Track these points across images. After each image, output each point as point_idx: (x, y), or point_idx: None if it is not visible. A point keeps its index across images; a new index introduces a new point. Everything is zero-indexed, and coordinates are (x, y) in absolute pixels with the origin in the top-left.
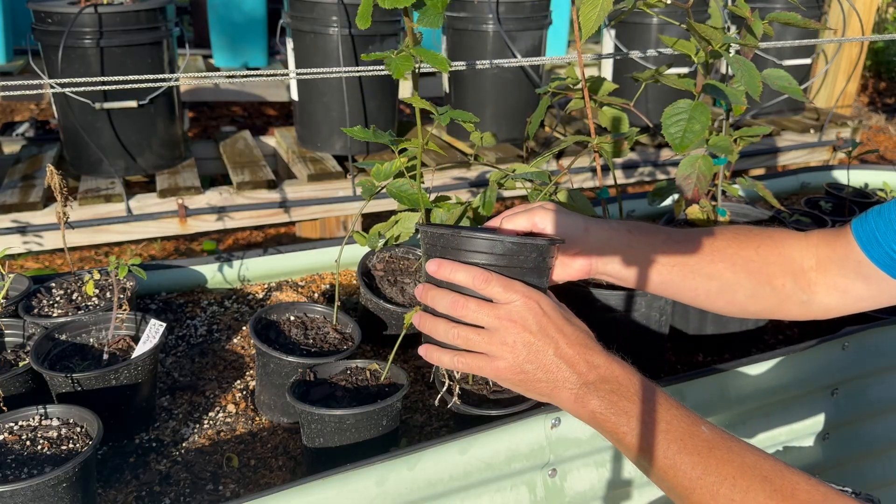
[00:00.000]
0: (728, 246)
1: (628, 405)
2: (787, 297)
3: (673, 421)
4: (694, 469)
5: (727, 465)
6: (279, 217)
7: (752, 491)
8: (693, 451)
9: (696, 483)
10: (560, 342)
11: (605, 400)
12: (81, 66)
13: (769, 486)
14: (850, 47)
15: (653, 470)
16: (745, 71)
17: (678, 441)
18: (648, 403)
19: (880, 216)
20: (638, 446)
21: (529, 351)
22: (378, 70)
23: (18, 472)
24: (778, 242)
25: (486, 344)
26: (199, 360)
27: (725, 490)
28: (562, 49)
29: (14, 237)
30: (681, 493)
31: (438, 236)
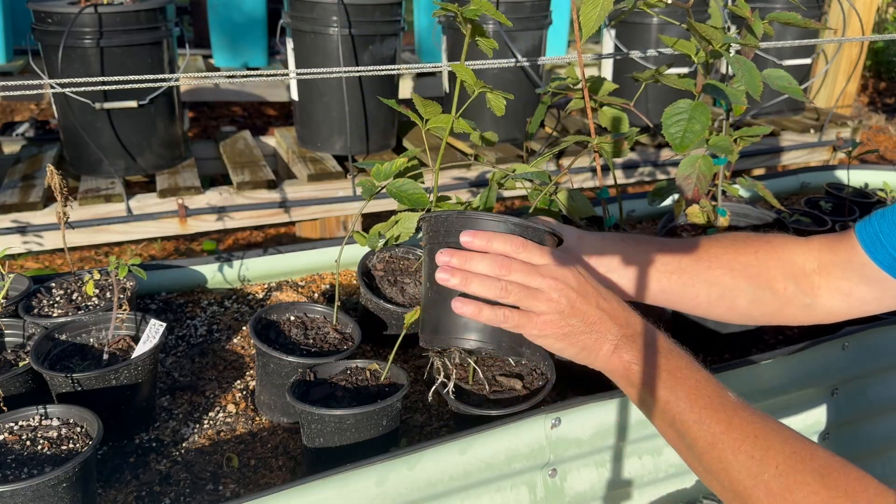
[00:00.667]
0: (725, 252)
1: (661, 360)
2: (790, 300)
3: (703, 381)
4: (718, 425)
5: (750, 425)
6: (279, 217)
7: (773, 449)
8: (719, 408)
9: (719, 438)
10: (599, 298)
11: (641, 353)
12: (81, 66)
13: (788, 448)
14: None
15: (677, 426)
16: (745, 71)
17: (706, 398)
18: (679, 361)
19: (884, 218)
20: (666, 400)
21: (573, 305)
22: (378, 70)
23: (18, 472)
24: (777, 247)
25: (532, 300)
26: (199, 360)
27: (747, 447)
28: (562, 49)
29: (14, 237)
30: (702, 447)
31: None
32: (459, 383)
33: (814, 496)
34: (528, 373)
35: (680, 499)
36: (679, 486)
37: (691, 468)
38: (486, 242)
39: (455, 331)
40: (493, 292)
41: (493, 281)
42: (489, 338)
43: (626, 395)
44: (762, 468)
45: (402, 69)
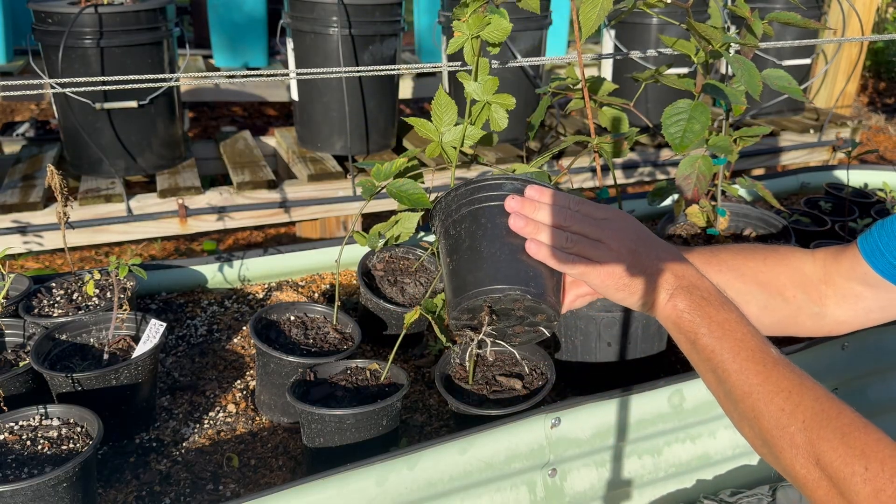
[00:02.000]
0: (734, 258)
1: (712, 311)
2: (800, 308)
3: (748, 335)
4: (757, 376)
5: (786, 381)
6: (279, 217)
7: (802, 405)
8: (760, 362)
9: (756, 388)
10: (658, 249)
11: (694, 303)
12: (82, 66)
13: (818, 405)
14: (850, 47)
15: (717, 372)
16: (745, 70)
17: (749, 350)
18: (729, 314)
19: (883, 229)
20: (710, 348)
21: (634, 256)
22: (378, 70)
23: (19, 471)
24: (785, 256)
25: (594, 250)
26: (200, 360)
27: (779, 399)
28: (562, 49)
29: (14, 237)
30: (739, 395)
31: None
32: (459, 383)
33: (832, 452)
34: (527, 373)
35: (680, 499)
36: (679, 486)
37: (725, 411)
38: (550, 197)
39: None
40: (560, 242)
41: (559, 231)
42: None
43: (625, 395)
44: (790, 421)
45: (402, 69)
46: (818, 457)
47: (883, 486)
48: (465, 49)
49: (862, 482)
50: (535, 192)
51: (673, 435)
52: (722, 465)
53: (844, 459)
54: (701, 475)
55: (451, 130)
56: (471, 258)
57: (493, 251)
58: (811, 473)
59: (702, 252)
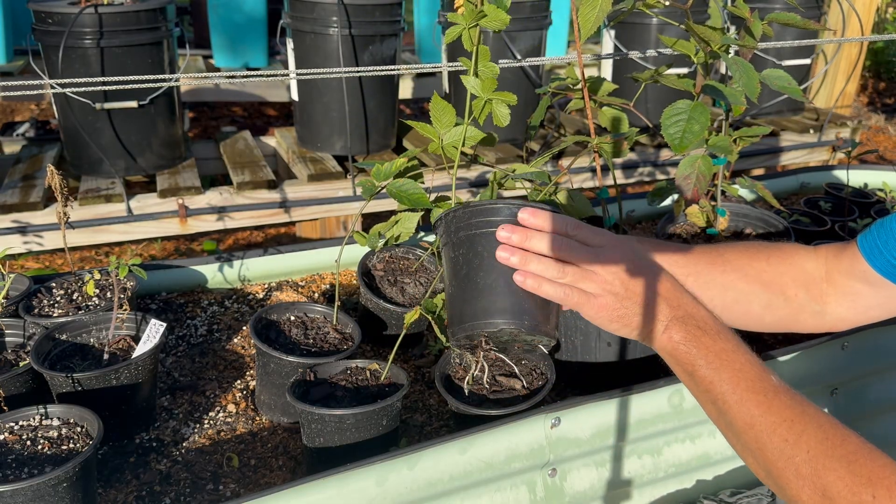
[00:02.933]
0: (738, 258)
1: (708, 341)
2: (801, 307)
3: (746, 364)
4: (758, 407)
5: (788, 410)
6: (279, 217)
7: (806, 434)
8: (760, 391)
9: (757, 420)
10: (653, 282)
11: (690, 334)
12: (82, 66)
13: (822, 433)
14: (850, 47)
15: (718, 404)
16: (743, 72)
17: (748, 380)
18: (727, 343)
19: (882, 227)
20: (708, 379)
21: (627, 288)
22: (378, 70)
23: (19, 471)
24: (788, 254)
25: (588, 281)
26: (200, 360)
27: (782, 430)
28: (562, 49)
29: (14, 237)
30: (741, 427)
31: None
32: (459, 383)
33: (839, 481)
34: (527, 373)
35: (680, 499)
36: (679, 486)
37: (728, 442)
38: (542, 222)
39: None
40: (551, 272)
41: (551, 261)
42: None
43: (625, 395)
44: (794, 451)
45: (402, 69)
46: (825, 487)
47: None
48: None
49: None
50: (529, 216)
51: (673, 435)
52: (722, 465)
53: (851, 489)
54: (701, 475)
55: (452, 131)
56: (467, 288)
57: (489, 282)
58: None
59: (707, 252)
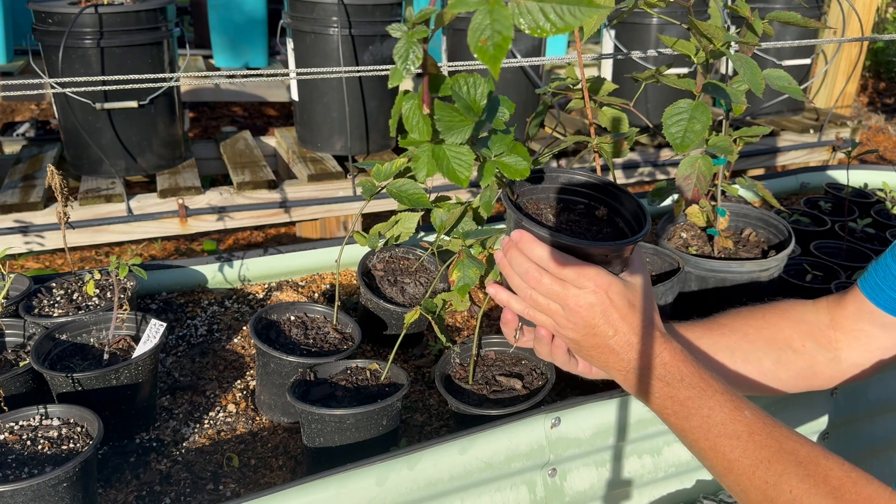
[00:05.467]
0: (733, 321)
1: (671, 391)
2: (814, 357)
3: (715, 407)
4: (733, 451)
5: (764, 450)
6: (279, 217)
7: (786, 474)
8: (733, 435)
9: (735, 465)
10: (620, 330)
11: (649, 385)
12: (82, 66)
13: (803, 471)
14: (850, 47)
15: (695, 450)
16: (747, 68)
17: (719, 425)
18: (691, 390)
19: (878, 265)
20: (680, 427)
21: (590, 334)
22: (378, 70)
23: (19, 471)
24: (785, 309)
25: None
26: (200, 360)
27: (761, 472)
28: (562, 49)
29: (15, 237)
30: (720, 471)
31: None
32: (459, 383)
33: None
34: (527, 373)
35: (680, 499)
36: (679, 486)
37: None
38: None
39: None
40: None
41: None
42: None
43: (625, 395)
44: (777, 493)
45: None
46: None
47: None
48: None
49: None
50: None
51: (673, 435)
52: None
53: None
54: (701, 475)
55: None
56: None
57: None
58: None
59: (700, 323)
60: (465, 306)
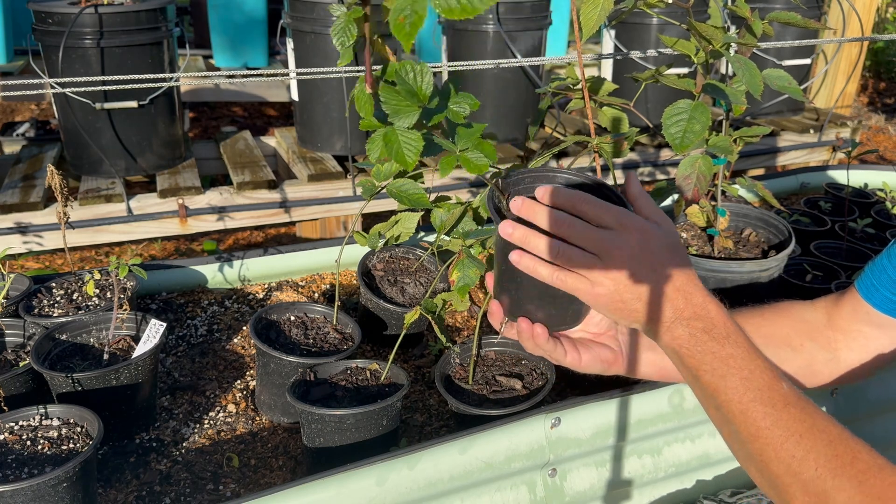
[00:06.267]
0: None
1: (715, 346)
2: (812, 356)
3: (756, 371)
4: (765, 419)
5: (797, 423)
6: (279, 217)
7: (814, 451)
8: (768, 402)
9: (764, 432)
10: (661, 276)
11: (695, 337)
12: (82, 66)
13: (831, 451)
14: (850, 47)
15: (723, 411)
16: (746, 70)
17: (756, 390)
18: (735, 349)
19: (874, 266)
20: (714, 386)
21: (631, 281)
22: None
23: (19, 471)
24: (783, 308)
25: (589, 269)
26: (200, 360)
27: (790, 445)
28: (562, 49)
29: (15, 237)
30: (745, 437)
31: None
32: (459, 383)
33: (849, 501)
34: (527, 373)
35: (680, 499)
36: (679, 486)
37: (730, 448)
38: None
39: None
40: (548, 252)
41: (551, 241)
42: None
43: (626, 395)
44: (802, 468)
45: None
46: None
47: None
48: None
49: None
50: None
51: (673, 435)
52: (722, 465)
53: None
54: (701, 475)
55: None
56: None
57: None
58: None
59: None
60: (465, 306)
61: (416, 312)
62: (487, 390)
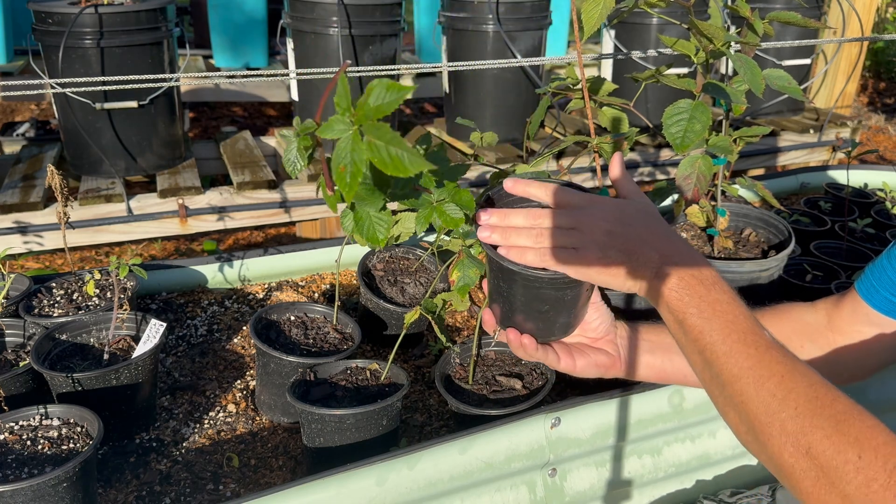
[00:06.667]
0: None
1: (702, 290)
2: (811, 356)
3: (740, 317)
4: (748, 360)
5: (779, 365)
6: (280, 217)
7: (795, 392)
8: (751, 344)
9: (745, 372)
10: (640, 228)
11: (683, 280)
12: (82, 66)
13: (812, 392)
14: (850, 47)
15: (705, 354)
16: (747, 68)
17: (739, 332)
18: (721, 294)
19: (874, 266)
20: (699, 329)
21: (611, 237)
22: (378, 70)
23: (19, 471)
24: (783, 310)
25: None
26: (200, 360)
27: (770, 385)
28: (562, 49)
29: (15, 237)
30: (726, 379)
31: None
32: (459, 383)
33: (826, 440)
34: (527, 373)
35: (680, 499)
36: (679, 486)
37: (710, 395)
38: (525, 187)
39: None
40: (530, 240)
41: (529, 230)
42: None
43: (625, 395)
44: (781, 407)
45: (402, 69)
46: (809, 445)
47: (875, 475)
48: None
49: (854, 471)
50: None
51: (673, 435)
52: (722, 465)
53: (837, 447)
54: (701, 475)
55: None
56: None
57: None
58: (799, 463)
59: None
60: (465, 306)
61: (416, 312)
62: (487, 390)
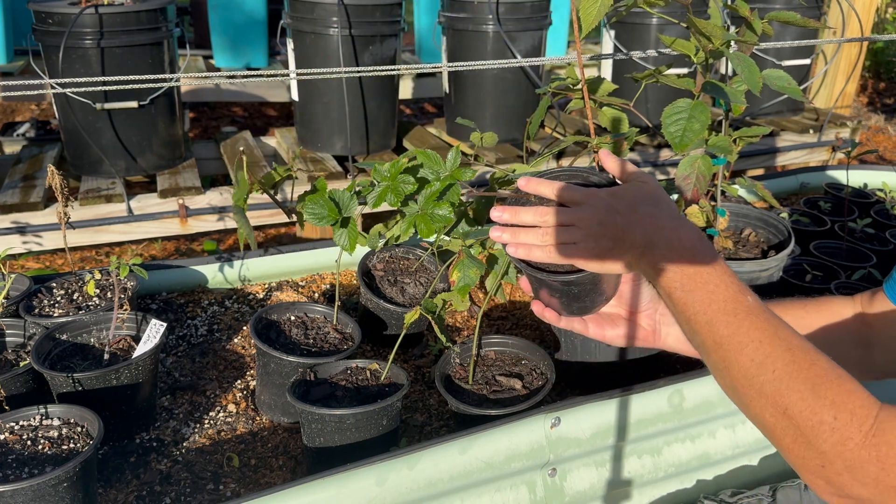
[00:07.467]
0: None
1: (683, 263)
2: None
3: (721, 285)
4: (727, 327)
5: (757, 331)
6: (279, 217)
7: (773, 356)
8: (731, 312)
9: (726, 340)
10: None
11: (665, 256)
12: (82, 66)
13: (790, 356)
14: (850, 48)
15: (691, 324)
16: (746, 67)
17: (720, 301)
18: (702, 265)
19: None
20: (684, 301)
21: (601, 226)
22: (378, 70)
23: (19, 471)
24: (823, 302)
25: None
26: (200, 360)
27: (749, 350)
28: (562, 49)
29: (15, 237)
30: (710, 346)
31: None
32: (459, 383)
33: (801, 402)
34: (527, 372)
35: (680, 499)
36: (679, 486)
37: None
38: (536, 186)
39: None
40: (537, 239)
41: (536, 229)
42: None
43: (625, 395)
44: (759, 371)
45: (402, 69)
46: (786, 407)
47: (850, 435)
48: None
49: (830, 431)
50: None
51: (673, 435)
52: (722, 465)
53: (813, 409)
54: (701, 475)
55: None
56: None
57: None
58: (779, 422)
59: None
60: (465, 306)
61: (416, 312)
62: (487, 390)
